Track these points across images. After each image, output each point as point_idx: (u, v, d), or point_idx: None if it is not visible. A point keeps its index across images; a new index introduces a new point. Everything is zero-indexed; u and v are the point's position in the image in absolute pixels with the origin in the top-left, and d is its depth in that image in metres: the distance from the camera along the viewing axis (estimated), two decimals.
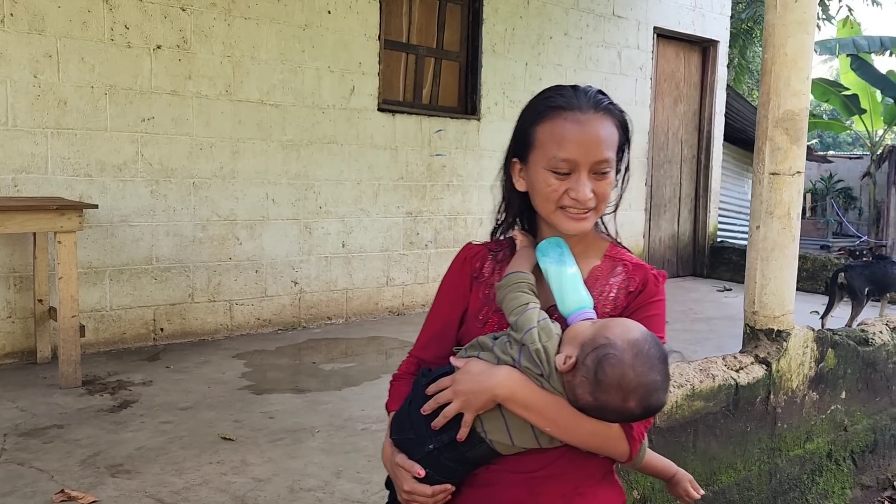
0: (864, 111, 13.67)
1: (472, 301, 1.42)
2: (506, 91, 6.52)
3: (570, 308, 1.28)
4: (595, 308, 1.31)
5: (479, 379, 1.26)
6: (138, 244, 4.73)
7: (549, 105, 1.33)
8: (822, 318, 5.65)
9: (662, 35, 8.04)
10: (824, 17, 13.07)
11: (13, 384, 3.98)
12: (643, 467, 1.51)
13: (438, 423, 1.28)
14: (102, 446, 3.18)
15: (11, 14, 4.19)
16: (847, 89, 13.56)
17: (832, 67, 23.98)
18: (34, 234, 4.20)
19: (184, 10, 4.77)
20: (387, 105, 5.81)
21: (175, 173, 4.83)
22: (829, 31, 42.47)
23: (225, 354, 4.72)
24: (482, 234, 6.12)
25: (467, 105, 6.41)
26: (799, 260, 3.35)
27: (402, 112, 5.91)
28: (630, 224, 7.82)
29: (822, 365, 3.45)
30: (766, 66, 3.18)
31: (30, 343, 4.38)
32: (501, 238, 1.48)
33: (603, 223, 1.44)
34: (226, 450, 3.18)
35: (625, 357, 1.16)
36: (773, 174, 3.16)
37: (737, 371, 3.08)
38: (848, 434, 3.65)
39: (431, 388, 1.31)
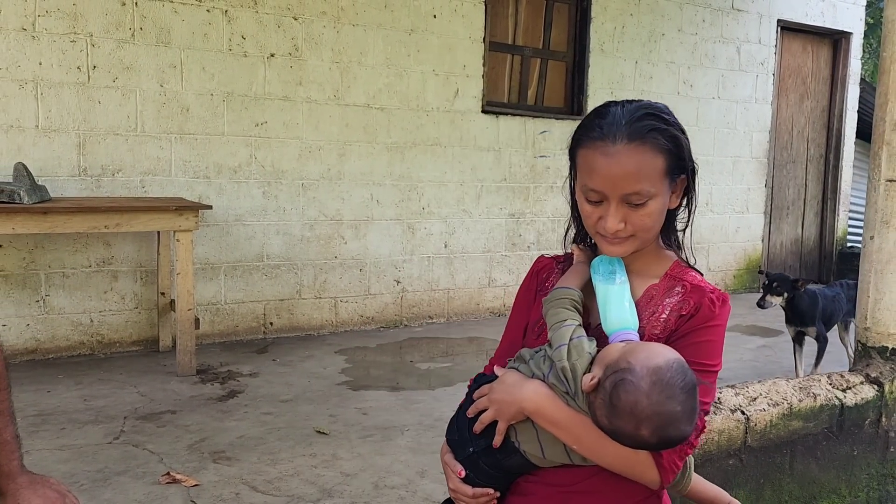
0: None
1: (533, 313, 1.44)
2: (614, 91, 6.38)
3: (611, 327, 1.26)
4: (643, 329, 1.28)
5: (510, 390, 1.28)
6: (251, 242, 5.01)
7: (585, 132, 1.30)
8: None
9: (787, 28, 7.60)
10: None
11: (137, 370, 4.32)
12: (691, 494, 1.45)
13: (477, 427, 1.32)
14: (208, 433, 3.40)
15: (141, 28, 4.53)
16: None
17: None
18: (158, 231, 4.53)
19: (296, 19, 4.99)
20: (490, 107, 5.84)
21: (285, 175, 5.07)
22: None
23: (328, 349, 4.91)
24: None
25: (573, 105, 6.33)
26: None
27: (506, 114, 5.92)
28: (747, 227, 7.47)
29: None
30: (885, 65, 2.97)
31: (153, 332, 4.74)
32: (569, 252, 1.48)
33: (675, 239, 1.39)
34: (319, 443, 3.31)
35: (641, 384, 1.12)
36: (889, 181, 2.94)
37: (843, 391, 2.89)
38: None
39: (476, 394, 1.35)
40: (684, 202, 1.37)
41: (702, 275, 1.37)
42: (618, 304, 1.28)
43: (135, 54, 4.54)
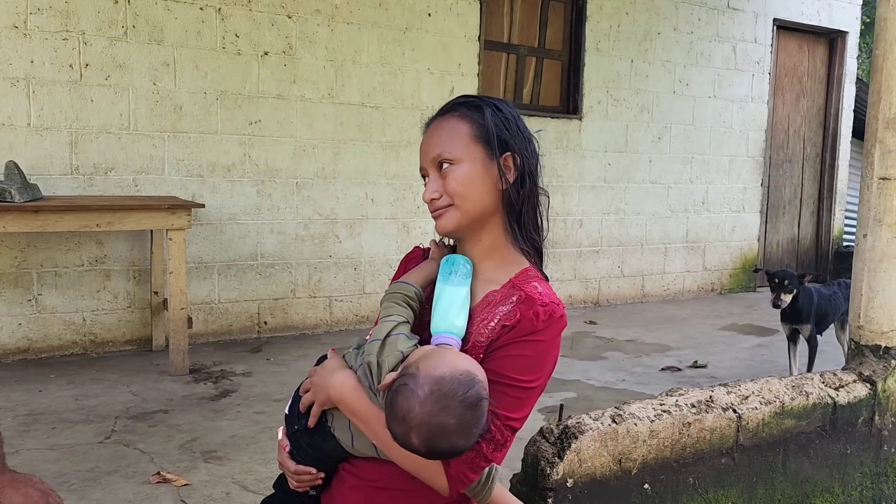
0: None
1: None
2: (609, 90, 6.38)
3: (435, 328, 1.26)
4: (470, 335, 1.27)
5: (325, 375, 1.33)
6: (245, 241, 4.99)
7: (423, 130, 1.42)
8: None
9: (783, 27, 7.59)
10: None
11: (130, 370, 4.30)
12: None
13: (302, 406, 1.36)
14: (200, 432, 3.38)
15: (133, 26, 4.52)
16: None
17: None
18: (151, 230, 4.52)
19: (290, 17, 4.98)
20: None
21: (279, 174, 5.05)
22: None
23: (322, 349, 4.82)
24: (581, 236, 6.04)
25: (569, 104, 6.31)
26: None
27: None
28: (743, 226, 7.46)
29: None
30: (877, 62, 2.96)
31: (146, 332, 4.72)
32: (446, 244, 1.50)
33: (525, 243, 1.37)
34: None
35: (419, 391, 1.12)
36: (882, 179, 2.93)
37: (836, 389, 2.88)
38: None
39: (310, 371, 1.40)
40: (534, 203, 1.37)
41: (548, 283, 1.36)
42: (447, 305, 1.27)
43: (127, 52, 4.52)
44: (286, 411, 1.42)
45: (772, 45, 7.47)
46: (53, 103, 4.36)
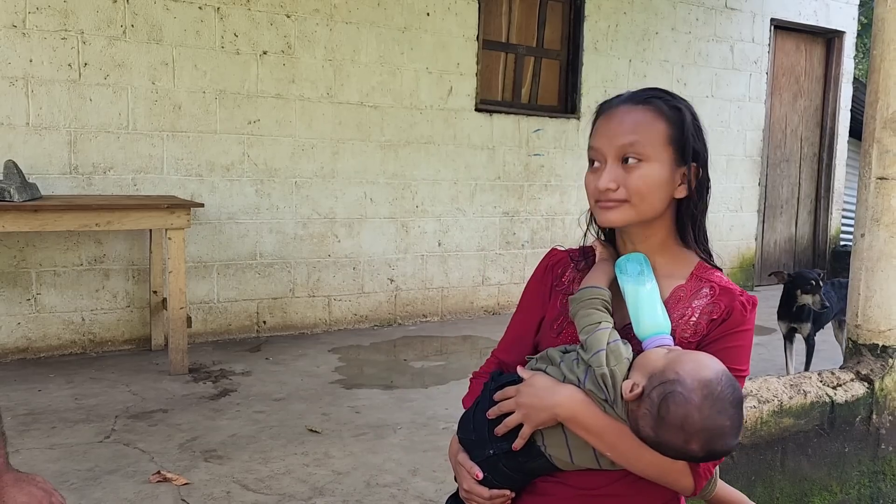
0: None
1: (549, 309, 1.40)
2: (607, 89, 6.38)
3: (645, 332, 1.23)
4: (674, 332, 1.25)
5: (541, 395, 1.25)
6: (244, 240, 4.99)
7: (599, 109, 1.34)
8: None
9: (781, 27, 7.61)
10: None
11: (129, 369, 4.30)
12: (715, 499, 1.44)
13: (500, 430, 1.28)
14: (200, 432, 3.39)
15: (132, 25, 4.52)
16: None
17: None
18: (150, 229, 4.52)
19: (289, 16, 4.98)
20: (484, 105, 5.83)
21: (278, 173, 5.06)
22: None
23: (322, 348, 4.90)
24: (580, 235, 6.05)
25: (567, 104, 6.32)
26: None
27: (500, 112, 5.91)
28: (741, 226, 7.48)
29: None
30: (875, 62, 2.97)
31: (145, 331, 4.72)
32: (586, 245, 1.44)
33: (695, 239, 1.35)
34: (311, 441, 3.31)
35: (692, 397, 1.09)
36: (880, 179, 2.95)
37: (833, 388, 2.90)
38: None
39: (498, 395, 1.31)
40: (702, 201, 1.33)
41: (722, 272, 1.35)
42: (650, 307, 1.24)
43: (126, 52, 4.52)
44: (465, 437, 1.35)
45: (769, 44, 7.48)
46: (52, 102, 4.36)
